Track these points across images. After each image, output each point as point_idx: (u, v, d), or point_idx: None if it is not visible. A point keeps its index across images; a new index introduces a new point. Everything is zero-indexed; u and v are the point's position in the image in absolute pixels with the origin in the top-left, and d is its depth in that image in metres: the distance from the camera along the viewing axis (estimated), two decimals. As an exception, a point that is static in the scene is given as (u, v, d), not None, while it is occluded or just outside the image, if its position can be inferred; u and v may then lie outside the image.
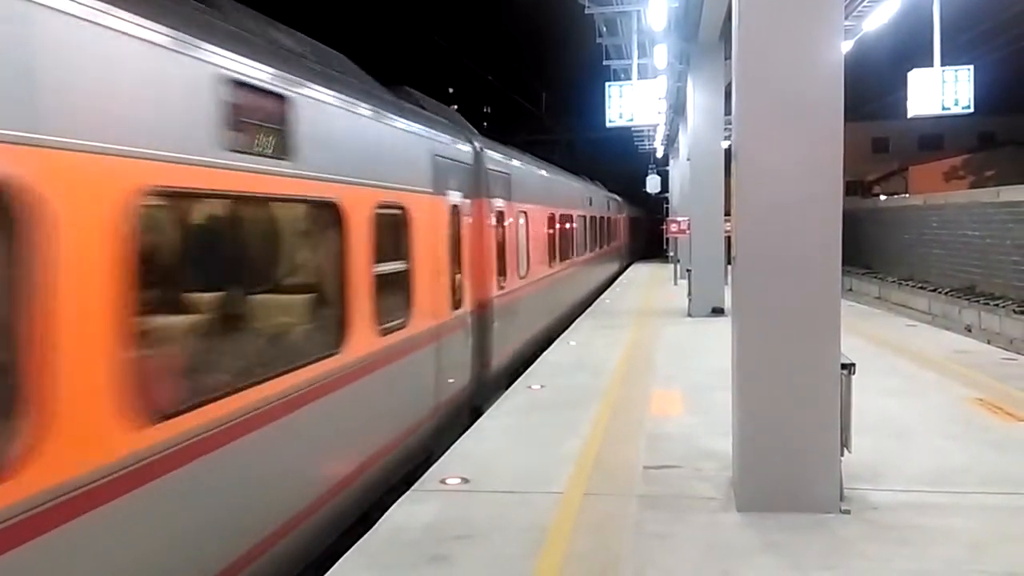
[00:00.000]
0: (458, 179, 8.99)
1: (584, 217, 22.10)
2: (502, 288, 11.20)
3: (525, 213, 13.29)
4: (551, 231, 16.31)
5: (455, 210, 8.80)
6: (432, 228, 7.84)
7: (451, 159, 8.80)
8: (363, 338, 5.92)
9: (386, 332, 6.43)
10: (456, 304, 8.69)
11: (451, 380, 8.31)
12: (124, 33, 3.56)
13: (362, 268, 5.98)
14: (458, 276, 8.83)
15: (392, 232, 6.86)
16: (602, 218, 28.49)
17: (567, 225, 19.41)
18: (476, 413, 9.09)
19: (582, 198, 22.86)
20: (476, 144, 10.36)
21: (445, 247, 8.31)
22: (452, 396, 8.35)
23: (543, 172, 16.28)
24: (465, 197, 9.30)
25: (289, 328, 5.32)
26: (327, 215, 5.62)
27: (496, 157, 11.47)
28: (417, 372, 7.30)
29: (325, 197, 5.50)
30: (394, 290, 6.78)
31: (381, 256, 6.36)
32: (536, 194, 14.54)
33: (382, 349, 6.30)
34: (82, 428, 3.22)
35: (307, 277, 5.76)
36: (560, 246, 17.47)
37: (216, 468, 4.04)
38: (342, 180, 5.70)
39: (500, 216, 11.30)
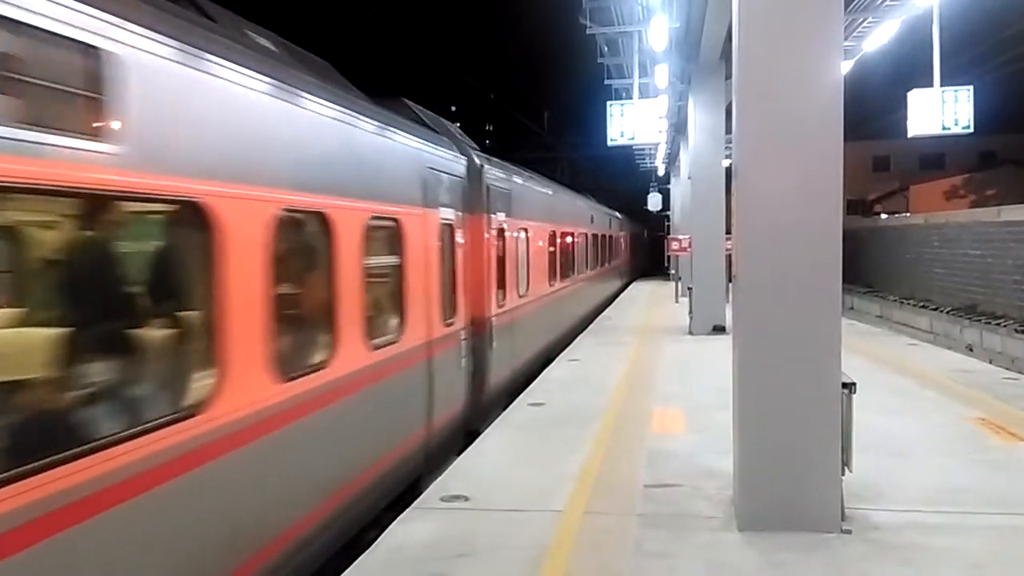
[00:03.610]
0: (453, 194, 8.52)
1: (586, 235, 21.40)
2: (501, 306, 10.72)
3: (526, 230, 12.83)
4: (552, 249, 15.61)
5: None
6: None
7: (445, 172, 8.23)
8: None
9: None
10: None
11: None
12: None
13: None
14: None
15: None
16: (604, 236, 26.25)
17: (568, 242, 17.71)
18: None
19: (584, 216, 21.31)
20: (476, 159, 9.99)
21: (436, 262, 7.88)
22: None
23: (545, 189, 15.78)
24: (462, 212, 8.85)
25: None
26: None
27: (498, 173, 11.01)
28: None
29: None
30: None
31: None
32: (538, 211, 14.12)
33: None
34: None
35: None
36: (561, 264, 16.64)
37: None
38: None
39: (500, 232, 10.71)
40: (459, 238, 8.99)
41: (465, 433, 9.09)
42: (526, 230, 13.12)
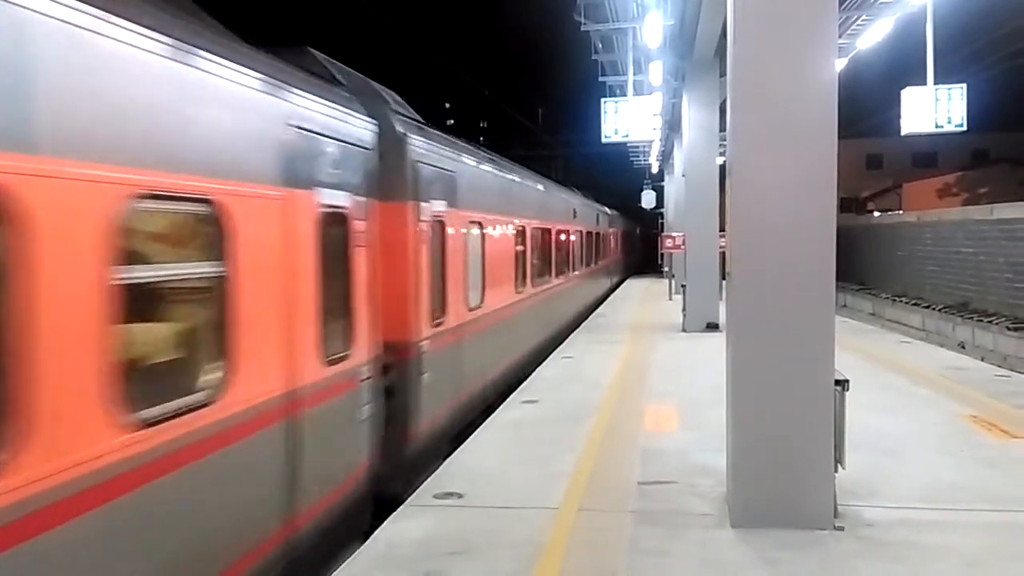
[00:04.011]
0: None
1: (569, 231, 19.48)
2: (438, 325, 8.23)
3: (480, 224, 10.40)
4: (521, 248, 13.10)
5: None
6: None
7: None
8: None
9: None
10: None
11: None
12: None
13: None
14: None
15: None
16: (592, 233, 24.18)
17: (545, 240, 15.49)
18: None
19: (566, 209, 19.22)
20: (396, 125, 7.35)
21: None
22: None
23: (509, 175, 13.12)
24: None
25: None
26: None
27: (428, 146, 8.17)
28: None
29: None
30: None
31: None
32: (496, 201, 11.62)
33: None
34: None
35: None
36: (534, 266, 14.06)
37: None
38: None
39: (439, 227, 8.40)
40: (361, 234, 6.24)
41: (378, 500, 6.67)
42: (481, 224, 10.33)
